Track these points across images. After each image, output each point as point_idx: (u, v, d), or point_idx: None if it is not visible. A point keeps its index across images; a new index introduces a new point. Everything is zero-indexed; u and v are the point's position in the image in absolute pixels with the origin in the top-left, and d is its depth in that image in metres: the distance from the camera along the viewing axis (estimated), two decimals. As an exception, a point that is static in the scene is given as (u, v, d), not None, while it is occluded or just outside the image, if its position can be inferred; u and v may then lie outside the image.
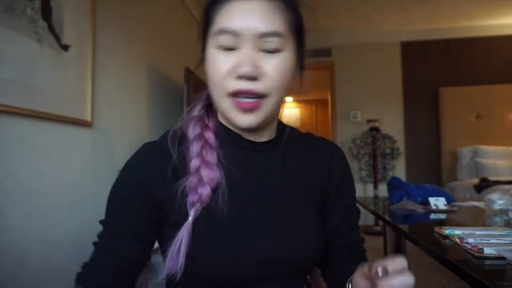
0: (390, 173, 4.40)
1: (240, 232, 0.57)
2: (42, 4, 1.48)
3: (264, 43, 0.54)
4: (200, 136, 0.60)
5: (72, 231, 1.65)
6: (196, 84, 3.00)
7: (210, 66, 0.57)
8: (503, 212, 1.21)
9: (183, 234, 0.54)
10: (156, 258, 0.91)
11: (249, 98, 0.55)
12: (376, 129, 4.33)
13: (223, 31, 0.54)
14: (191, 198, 0.56)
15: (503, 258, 0.62)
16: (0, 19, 1.27)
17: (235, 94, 0.55)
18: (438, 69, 4.50)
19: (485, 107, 4.29)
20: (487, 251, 0.65)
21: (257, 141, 0.63)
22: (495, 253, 0.64)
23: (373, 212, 1.55)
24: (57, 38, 1.57)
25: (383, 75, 4.58)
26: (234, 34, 0.53)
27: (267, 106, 0.56)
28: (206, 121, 0.63)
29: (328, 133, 4.92)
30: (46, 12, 1.51)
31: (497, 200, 1.25)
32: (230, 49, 0.55)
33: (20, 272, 1.34)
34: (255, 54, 0.54)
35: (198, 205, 0.55)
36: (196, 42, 0.64)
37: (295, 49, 0.59)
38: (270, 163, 0.63)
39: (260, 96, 0.55)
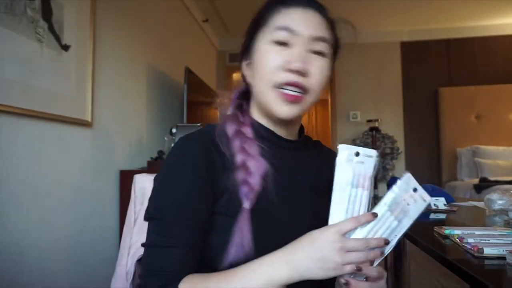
0: (390, 173, 4.40)
1: (287, 215, 0.64)
2: (42, 4, 1.48)
3: (314, 45, 0.62)
4: (239, 132, 0.64)
5: (72, 230, 1.65)
6: (196, 84, 3.00)
7: (261, 58, 0.63)
8: (503, 212, 1.21)
9: (244, 221, 0.57)
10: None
11: (293, 91, 0.61)
12: (376, 129, 4.33)
13: (283, 28, 0.61)
14: (244, 189, 0.59)
15: (503, 258, 0.62)
16: (0, 19, 1.27)
17: (283, 85, 0.61)
18: (438, 69, 4.50)
19: (485, 107, 4.29)
20: (487, 251, 0.65)
21: (286, 138, 0.70)
22: (496, 253, 0.64)
23: (373, 212, 1.55)
24: (57, 38, 1.57)
25: (383, 75, 4.57)
26: (292, 32, 0.61)
27: (306, 101, 0.63)
28: (241, 119, 0.67)
29: (328, 133, 4.91)
30: (46, 12, 1.51)
31: (497, 200, 1.25)
32: (283, 45, 0.61)
33: (20, 271, 1.34)
34: (304, 54, 0.61)
35: (251, 195, 0.59)
36: (195, 42, 0.65)
37: (331, 61, 0.67)
38: (298, 160, 0.71)
39: (303, 91, 0.62)
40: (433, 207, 1.36)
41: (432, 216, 1.27)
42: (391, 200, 0.54)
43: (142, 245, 0.60)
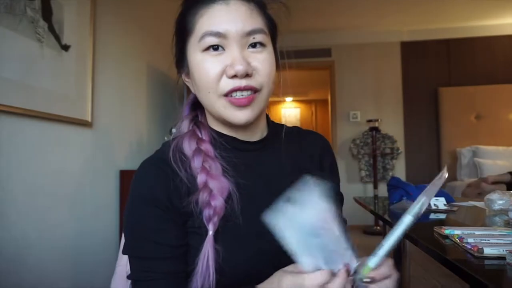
0: (390, 173, 4.40)
1: (258, 232, 0.57)
2: (42, 4, 1.48)
3: (249, 40, 0.57)
4: (198, 150, 0.60)
5: (72, 230, 1.65)
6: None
7: (198, 70, 0.58)
8: (503, 212, 1.21)
9: (208, 248, 0.54)
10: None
11: (243, 95, 0.57)
12: (376, 129, 4.32)
13: (209, 34, 0.56)
14: (207, 212, 0.56)
15: (503, 258, 0.62)
16: (0, 19, 1.27)
17: (231, 92, 0.56)
18: (438, 69, 4.50)
19: (485, 107, 4.29)
20: (487, 251, 0.65)
21: (251, 140, 0.65)
22: (496, 253, 0.64)
23: (373, 212, 1.55)
24: (57, 38, 1.57)
25: (383, 75, 4.58)
26: (221, 36, 0.56)
27: (260, 99, 0.59)
28: (200, 135, 0.63)
29: (328, 133, 4.91)
30: (46, 12, 1.51)
31: (497, 200, 1.25)
32: (216, 49, 0.57)
33: (20, 271, 1.34)
34: (243, 52, 0.57)
35: (215, 219, 0.56)
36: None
37: (272, 48, 0.62)
38: (269, 159, 0.66)
39: (254, 91, 0.58)
40: (433, 207, 1.36)
41: (432, 216, 1.27)
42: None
43: (128, 277, 0.59)
